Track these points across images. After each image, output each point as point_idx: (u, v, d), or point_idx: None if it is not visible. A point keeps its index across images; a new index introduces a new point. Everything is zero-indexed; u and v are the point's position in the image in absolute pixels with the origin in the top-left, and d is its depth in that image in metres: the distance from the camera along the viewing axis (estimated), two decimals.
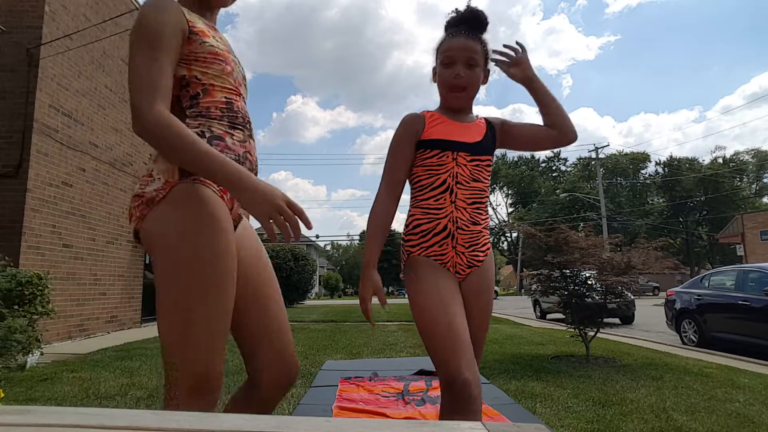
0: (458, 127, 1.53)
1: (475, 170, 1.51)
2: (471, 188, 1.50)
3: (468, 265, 1.50)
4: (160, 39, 1.13)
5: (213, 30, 1.25)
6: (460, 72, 1.50)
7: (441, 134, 1.51)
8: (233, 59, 1.25)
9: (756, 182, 53.56)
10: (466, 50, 1.50)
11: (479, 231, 1.51)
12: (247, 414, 0.83)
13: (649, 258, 5.16)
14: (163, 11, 1.13)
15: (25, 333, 4.38)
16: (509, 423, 0.92)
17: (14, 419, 0.66)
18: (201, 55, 1.16)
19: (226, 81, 1.20)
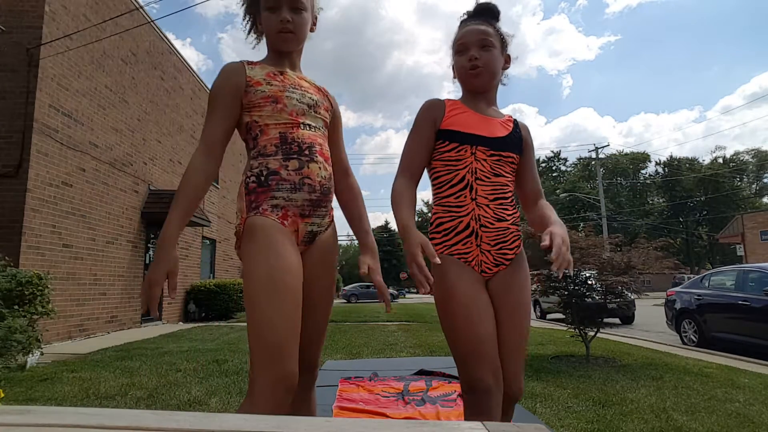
0: (479, 120, 1.48)
1: (497, 165, 1.46)
2: (492, 183, 1.44)
3: (495, 264, 1.45)
4: (215, 100, 1.37)
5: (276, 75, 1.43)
6: (475, 54, 1.48)
7: (460, 126, 1.46)
8: (288, 95, 1.40)
9: (756, 182, 53.59)
10: (478, 33, 1.49)
11: (506, 228, 1.45)
12: (247, 414, 0.83)
13: (649, 258, 5.16)
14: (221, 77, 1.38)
15: (25, 333, 4.38)
16: (509, 423, 0.91)
17: (14, 419, 0.66)
18: (256, 102, 1.37)
19: (280, 117, 1.37)
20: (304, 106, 1.41)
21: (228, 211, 15.07)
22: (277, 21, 1.41)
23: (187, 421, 0.69)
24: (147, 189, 9.58)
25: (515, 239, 1.48)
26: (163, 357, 5.41)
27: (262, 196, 1.32)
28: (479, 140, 1.44)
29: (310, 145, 1.37)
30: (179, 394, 3.60)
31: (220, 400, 3.39)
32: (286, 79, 1.43)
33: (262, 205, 1.32)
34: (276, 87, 1.39)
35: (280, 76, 1.43)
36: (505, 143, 1.48)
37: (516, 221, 1.50)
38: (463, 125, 1.46)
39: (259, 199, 1.32)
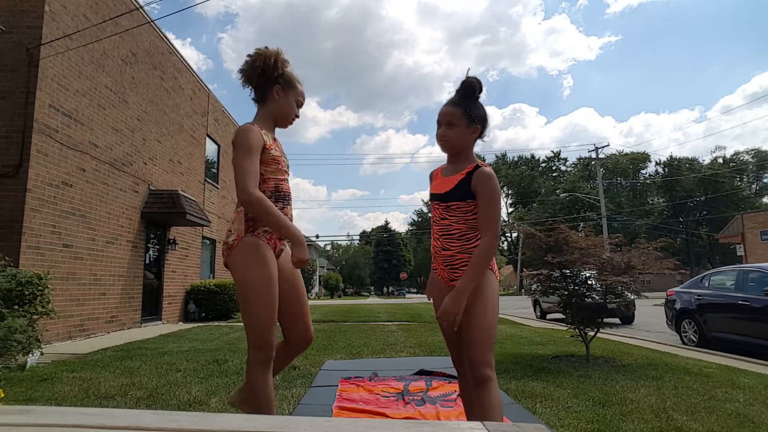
0: (441, 182, 2.04)
1: (445, 212, 1.99)
2: (440, 225, 2.01)
3: (450, 279, 2.00)
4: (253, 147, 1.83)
5: (275, 141, 2.01)
6: (442, 132, 2.01)
7: (431, 189, 2.12)
8: (283, 158, 2.00)
9: (756, 182, 53.57)
10: (445, 115, 2.00)
11: (451, 255, 1.98)
12: (247, 414, 0.83)
13: (649, 258, 5.16)
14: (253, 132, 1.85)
15: (25, 333, 4.38)
16: (509, 423, 0.92)
17: (14, 419, 0.66)
18: (266, 160, 1.89)
19: (277, 173, 1.94)
20: (287, 167, 2.03)
21: (228, 211, 15.06)
22: (295, 110, 2.05)
23: (187, 421, 0.69)
24: (147, 189, 9.58)
25: (464, 263, 1.94)
26: (163, 357, 5.41)
27: (258, 224, 1.87)
28: (435, 197, 2.05)
29: (288, 193, 1.99)
30: (179, 394, 3.60)
31: (220, 400, 3.39)
32: (279, 146, 2.02)
33: (257, 230, 1.86)
34: (278, 152, 1.96)
35: (276, 143, 2.00)
36: (450, 195, 1.97)
37: (464, 250, 1.95)
38: (432, 188, 2.11)
39: (255, 225, 1.87)
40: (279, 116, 2.02)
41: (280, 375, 4.32)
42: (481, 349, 1.85)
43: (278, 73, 1.97)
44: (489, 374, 1.82)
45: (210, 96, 13.49)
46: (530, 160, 65.06)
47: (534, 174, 60.91)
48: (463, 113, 1.97)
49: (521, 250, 41.73)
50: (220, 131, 14.28)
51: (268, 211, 1.77)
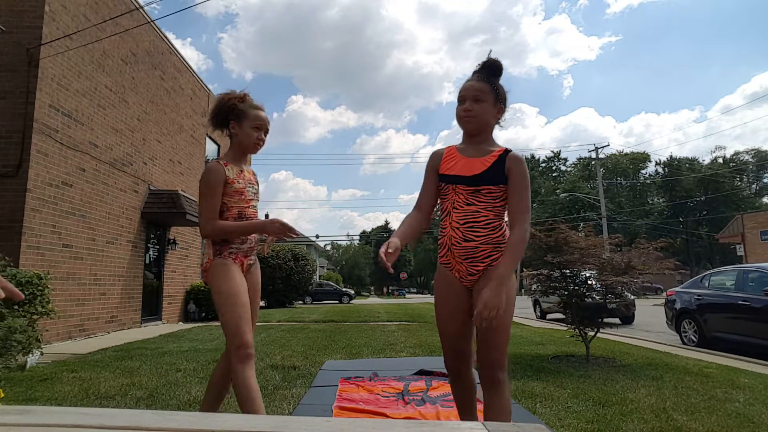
0: (463, 164, 1.86)
1: (471, 197, 1.82)
2: (464, 211, 1.81)
3: (468, 273, 1.83)
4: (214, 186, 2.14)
5: (240, 172, 2.25)
6: (468, 106, 1.84)
7: (447, 170, 1.89)
8: (247, 188, 2.25)
9: (756, 182, 53.56)
10: (473, 89, 1.85)
11: (474, 246, 1.80)
12: (247, 414, 0.83)
13: (649, 258, 5.16)
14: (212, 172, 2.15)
15: (25, 333, 4.38)
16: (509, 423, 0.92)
17: (14, 419, 0.66)
18: (229, 192, 2.17)
19: (240, 202, 2.21)
20: (252, 194, 2.28)
21: None
22: (255, 138, 2.26)
23: (187, 421, 0.69)
24: (147, 189, 9.58)
25: (489, 255, 1.80)
26: (163, 357, 5.41)
27: (225, 247, 2.17)
28: (458, 180, 1.85)
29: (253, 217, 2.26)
30: (179, 394, 3.60)
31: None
32: (247, 175, 2.29)
33: (224, 252, 2.17)
34: (242, 184, 2.22)
35: (243, 174, 2.26)
36: (481, 179, 1.82)
37: (490, 241, 1.80)
38: (449, 170, 1.89)
39: (222, 249, 2.17)
40: (242, 146, 2.28)
41: (280, 375, 4.32)
42: (501, 350, 1.76)
43: (230, 111, 2.27)
44: (504, 377, 1.76)
45: (210, 96, 13.49)
46: (530, 160, 65.05)
47: (534, 174, 60.90)
48: (491, 89, 1.85)
49: None
50: (220, 131, 14.27)
51: (229, 230, 2.14)
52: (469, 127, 1.87)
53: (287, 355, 5.47)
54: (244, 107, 2.27)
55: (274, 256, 17.22)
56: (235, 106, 2.28)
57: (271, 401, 3.35)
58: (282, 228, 2.10)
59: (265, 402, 3.32)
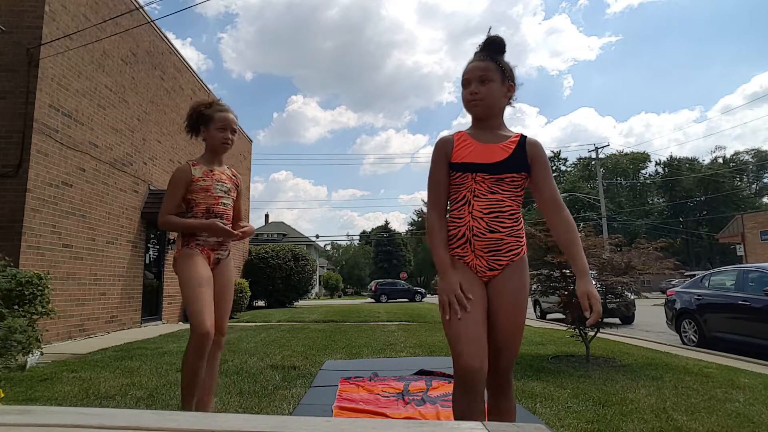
0: (481, 149, 1.71)
1: (495, 185, 1.67)
2: (488, 200, 1.66)
3: (488, 268, 1.68)
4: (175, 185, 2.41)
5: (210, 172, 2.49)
6: (474, 88, 1.71)
7: (462, 158, 1.71)
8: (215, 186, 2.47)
9: (756, 182, 53.58)
10: (477, 69, 1.72)
11: (499, 239, 1.66)
12: (247, 414, 0.83)
13: (649, 258, 5.16)
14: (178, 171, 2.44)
15: (25, 333, 4.38)
16: (509, 423, 0.91)
17: (14, 419, 0.66)
18: (194, 189, 2.42)
19: (208, 198, 2.44)
20: (221, 192, 2.48)
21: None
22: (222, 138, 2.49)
23: (187, 421, 0.69)
24: (147, 189, 9.58)
25: (512, 248, 1.68)
26: (163, 357, 5.41)
27: (192, 239, 2.39)
28: (478, 167, 1.69)
29: (222, 213, 2.48)
30: (179, 394, 3.58)
31: (220, 400, 3.39)
32: (218, 175, 2.50)
33: (191, 243, 2.38)
34: (209, 181, 2.44)
35: (211, 173, 2.48)
36: (504, 166, 1.68)
37: (515, 233, 1.68)
38: (465, 157, 1.71)
39: (189, 240, 2.39)
40: (211, 147, 2.53)
41: (280, 375, 4.32)
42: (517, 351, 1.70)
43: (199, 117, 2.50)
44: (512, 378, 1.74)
45: (210, 96, 13.50)
46: None
47: None
48: (497, 67, 1.71)
49: None
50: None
51: (176, 225, 2.36)
52: (477, 110, 1.75)
53: (287, 355, 5.47)
54: (210, 112, 2.49)
55: (274, 256, 17.22)
56: (202, 112, 2.51)
57: (271, 401, 3.35)
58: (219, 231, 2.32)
59: (265, 402, 3.33)
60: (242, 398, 3.46)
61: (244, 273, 16.42)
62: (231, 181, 2.57)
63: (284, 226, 56.17)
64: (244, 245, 17.07)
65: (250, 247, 17.88)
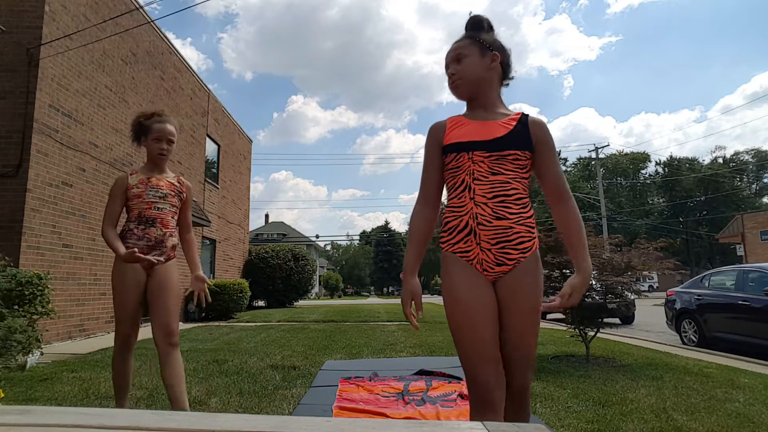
0: (476, 127, 1.55)
1: (496, 164, 1.49)
2: (491, 182, 1.48)
3: (496, 263, 1.48)
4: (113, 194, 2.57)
5: (146, 180, 2.61)
6: (451, 70, 1.62)
7: (457, 137, 1.55)
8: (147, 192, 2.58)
9: (756, 182, 53.57)
10: (451, 51, 1.65)
11: (508, 227, 1.46)
12: (247, 414, 0.83)
13: (649, 258, 5.16)
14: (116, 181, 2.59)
15: (25, 333, 4.38)
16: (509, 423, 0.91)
17: (14, 419, 0.66)
18: (129, 197, 2.56)
19: (140, 204, 2.56)
20: (155, 197, 2.58)
21: (227, 211, 15.07)
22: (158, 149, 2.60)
23: (187, 421, 0.69)
24: None
25: (522, 240, 1.48)
26: None
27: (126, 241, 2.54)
28: (475, 145, 1.51)
29: (154, 218, 2.57)
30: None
31: (220, 400, 3.39)
32: (149, 183, 2.59)
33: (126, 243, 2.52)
34: (141, 189, 2.57)
35: (147, 181, 2.59)
36: (505, 142, 1.50)
37: (524, 222, 1.49)
38: (459, 136, 1.55)
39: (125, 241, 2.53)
40: (150, 157, 2.65)
41: (280, 375, 4.32)
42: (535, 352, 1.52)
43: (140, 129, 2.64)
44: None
45: (210, 96, 13.49)
46: None
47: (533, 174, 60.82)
48: (473, 41, 1.61)
49: None
50: (220, 131, 14.29)
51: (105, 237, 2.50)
52: (460, 91, 1.62)
53: (287, 355, 5.47)
54: (149, 123, 2.61)
55: (274, 256, 17.21)
56: (142, 124, 2.64)
57: (271, 401, 3.35)
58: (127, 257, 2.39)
59: (265, 402, 3.33)
60: (242, 398, 3.46)
61: (244, 273, 16.42)
62: (171, 187, 2.66)
63: (284, 226, 56.15)
64: (244, 245, 17.08)
65: (250, 247, 17.87)
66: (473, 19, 1.67)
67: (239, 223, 16.44)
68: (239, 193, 16.43)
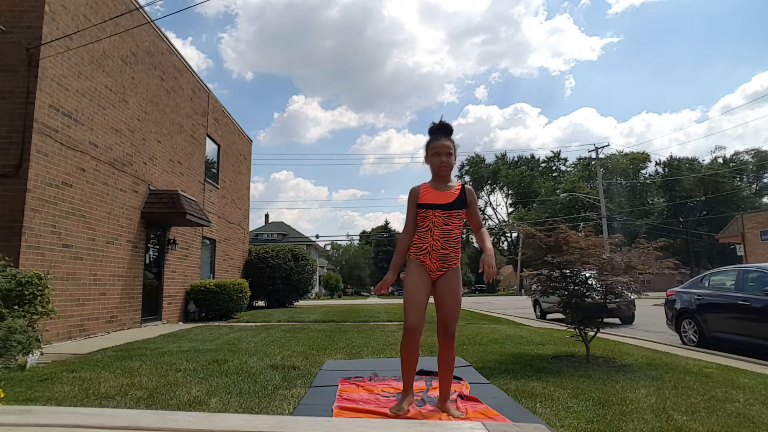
0: (438, 195, 2.79)
1: (446, 218, 2.74)
2: (442, 229, 2.75)
3: (438, 270, 2.79)
4: None
5: None
6: (444, 160, 2.82)
7: (427, 200, 2.79)
8: None
9: (756, 182, 53.54)
10: (446, 147, 2.83)
11: (447, 253, 2.77)
12: (247, 414, 0.83)
13: (649, 258, 5.15)
14: None
15: (25, 333, 4.38)
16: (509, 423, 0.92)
17: (14, 419, 0.66)
18: None
19: None
20: None
21: (227, 211, 15.07)
22: None
23: (187, 421, 0.69)
24: (147, 189, 9.58)
25: (453, 260, 2.79)
26: (163, 357, 5.41)
27: None
28: (436, 207, 2.76)
29: None
30: (179, 394, 3.60)
31: (220, 400, 3.39)
32: None
33: None
34: None
35: None
36: (452, 205, 2.75)
37: (456, 249, 2.79)
38: (427, 200, 2.79)
39: None
40: None
41: (280, 375, 4.32)
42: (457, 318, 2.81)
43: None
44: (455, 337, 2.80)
45: (210, 96, 13.49)
46: (530, 160, 65.03)
47: (534, 174, 60.89)
48: (453, 144, 2.85)
49: (521, 250, 41.69)
50: (220, 131, 14.29)
51: None
52: (444, 173, 2.83)
53: (287, 355, 5.47)
54: None
55: (274, 256, 17.21)
56: None
57: (271, 401, 3.35)
58: None
59: (265, 402, 3.33)
60: (242, 398, 3.46)
61: (244, 273, 16.42)
62: None
63: (284, 226, 56.15)
64: (244, 245, 17.08)
65: (250, 247, 17.87)
66: (449, 126, 2.86)
67: (239, 223, 16.43)
68: (239, 193, 16.43)
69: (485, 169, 62.50)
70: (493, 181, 62.94)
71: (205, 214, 11.52)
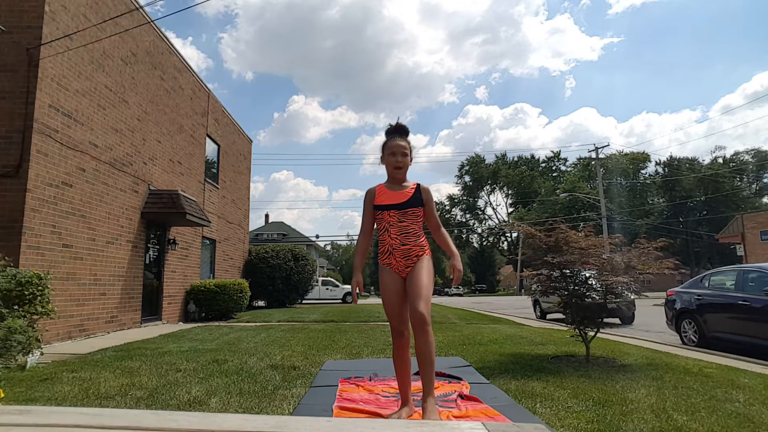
0: (392, 195, 2.81)
1: (401, 217, 2.77)
2: (398, 227, 2.77)
3: (405, 266, 2.78)
4: None
5: None
6: (399, 159, 2.83)
7: (381, 201, 2.82)
8: None
9: (756, 182, 53.53)
10: (401, 147, 2.85)
11: (409, 248, 2.76)
12: (247, 414, 0.83)
13: (649, 258, 5.15)
14: None
15: (25, 333, 4.38)
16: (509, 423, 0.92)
17: (14, 419, 0.66)
18: None
19: None
20: None
21: (228, 211, 15.06)
22: None
23: (187, 421, 0.69)
24: (147, 189, 9.58)
25: (417, 254, 2.77)
26: (163, 357, 5.41)
27: None
28: (390, 207, 2.79)
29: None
30: (179, 394, 3.60)
31: (220, 400, 3.39)
32: None
33: None
34: None
35: None
36: (407, 203, 2.78)
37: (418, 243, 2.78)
38: (382, 201, 2.82)
39: None
40: None
41: (280, 375, 4.32)
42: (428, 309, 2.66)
43: None
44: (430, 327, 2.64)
45: (210, 96, 13.49)
46: (530, 160, 65.02)
47: (534, 174, 60.88)
48: (409, 144, 2.89)
49: (521, 250, 41.68)
50: (220, 131, 14.29)
51: None
52: (399, 173, 2.84)
53: (287, 355, 5.47)
54: None
55: (274, 256, 17.21)
56: None
57: (271, 401, 3.35)
58: None
59: (265, 402, 3.33)
60: (242, 398, 3.46)
61: (244, 273, 16.41)
62: None
63: (284, 226, 56.09)
64: (244, 245, 17.08)
65: (250, 247, 17.87)
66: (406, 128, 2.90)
67: (239, 223, 16.43)
68: (239, 193, 16.43)
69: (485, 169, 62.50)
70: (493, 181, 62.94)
71: (205, 214, 11.52)
